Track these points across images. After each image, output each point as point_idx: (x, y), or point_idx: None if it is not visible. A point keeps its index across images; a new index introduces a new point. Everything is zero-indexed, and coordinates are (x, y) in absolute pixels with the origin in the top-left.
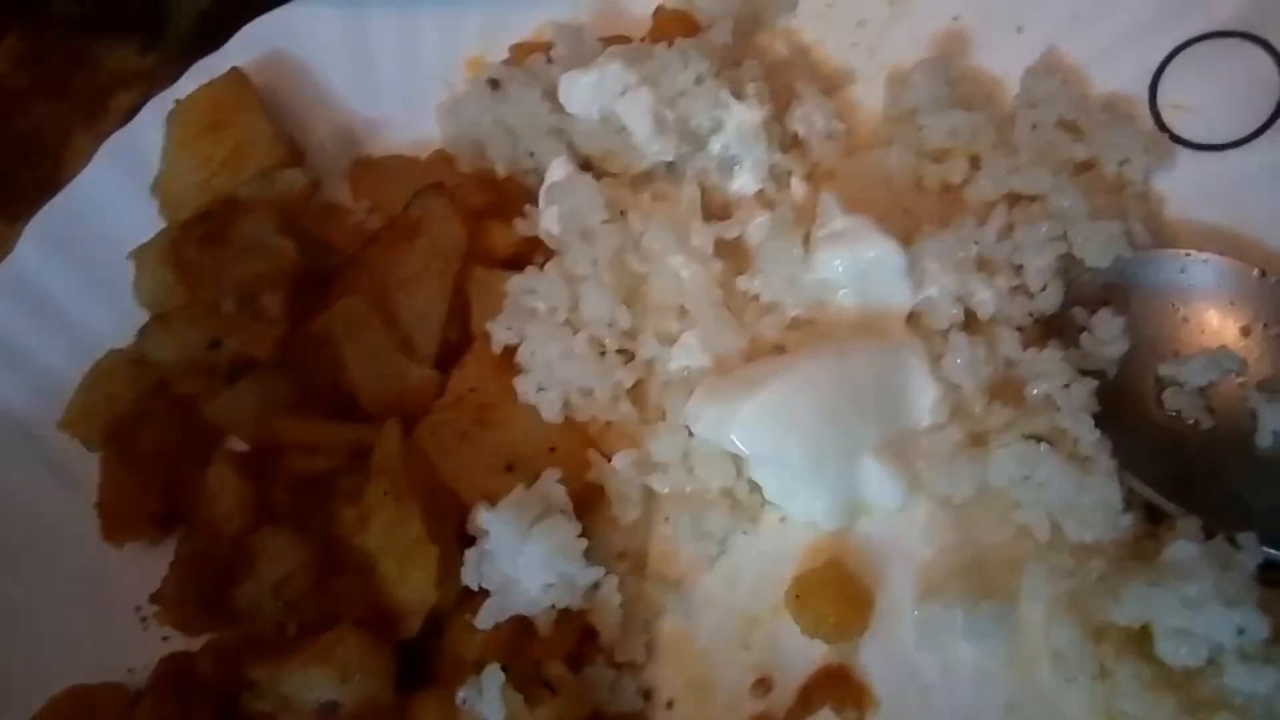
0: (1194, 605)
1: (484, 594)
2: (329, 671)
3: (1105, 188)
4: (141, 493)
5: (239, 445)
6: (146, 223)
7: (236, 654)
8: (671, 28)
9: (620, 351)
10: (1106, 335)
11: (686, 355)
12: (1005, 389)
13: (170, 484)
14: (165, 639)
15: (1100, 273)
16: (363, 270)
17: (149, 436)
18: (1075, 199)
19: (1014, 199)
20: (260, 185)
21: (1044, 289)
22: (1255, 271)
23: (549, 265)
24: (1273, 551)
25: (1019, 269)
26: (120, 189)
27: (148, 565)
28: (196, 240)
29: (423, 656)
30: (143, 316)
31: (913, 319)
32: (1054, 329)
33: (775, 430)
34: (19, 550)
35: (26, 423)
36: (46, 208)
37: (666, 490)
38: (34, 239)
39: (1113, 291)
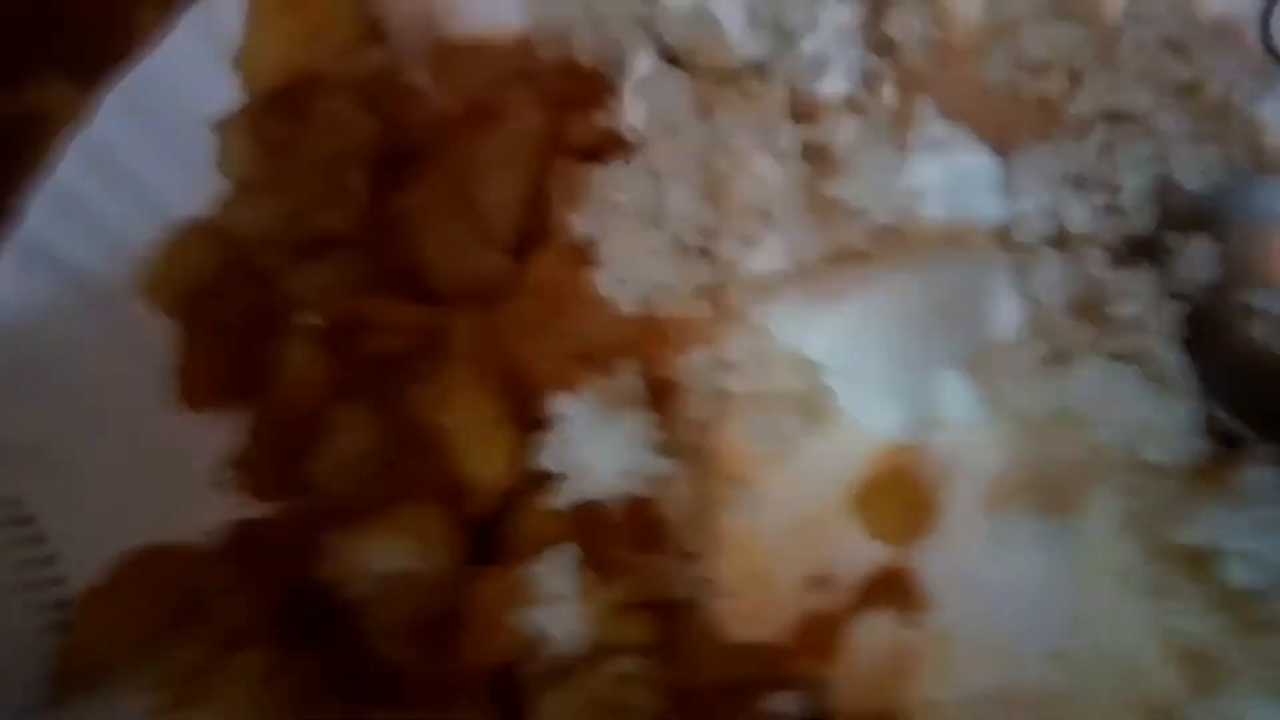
0: (1264, 528)
1: (555, 478)
2: (405, 540)
3: (1208, 111)
4: (219, 361)
5: (314, 320)
6: (226, 95)
7: (311, 521)
8: None
9: (701, 249)
10: (1197, 260)
11: (767, 257)
12: (1091, 309)
13: (247, 354)
14: (238, 505)
15: (1197, 197)
16: (442, 155)
17: (227, 307)
18: (1177, 120)
19: (1113, 117)
20: (341, 63)
21: (1138, 210)
22: None
23: (634, 159)
24: None
25: (1114, 188)
26: (200, 61)
27: (223, 433)
28: (279, 114)
29: (494, 537)
30: (223, 188)
31: (1001, 233)
32: (1145, 251)
33: (856, 341)
34: (98, 411)
35: (105, 288)
36: (127, 77)
37: (740, 389)
38: (114, 107)
39: (1207, 217)
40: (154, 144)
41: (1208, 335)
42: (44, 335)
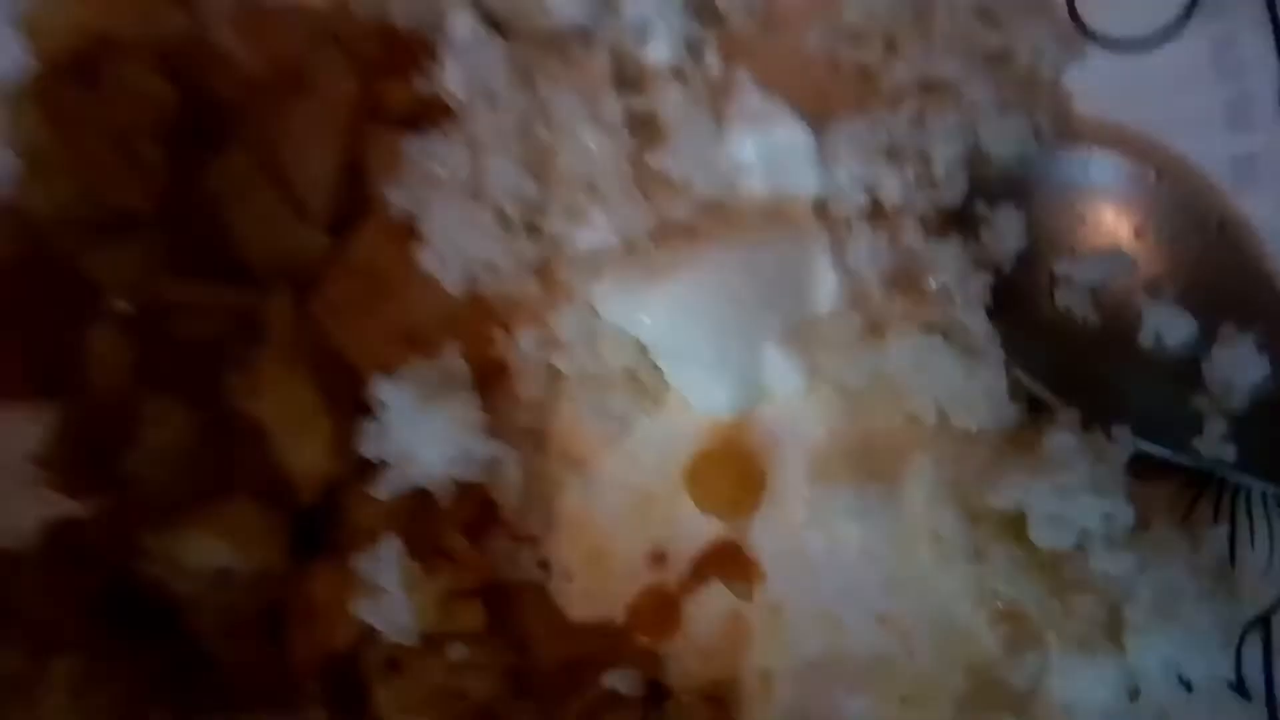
0: (1067, 493)
1: (382, 466)
2: (221, 538)
3: (1017, 80)
4: (19, 351)
5: (120, 307)
6: (14, 61)
7: (127, 520)
8: None
9: (526, 225)
10: (1006, 230)
11: (594, 233)
12: (905, 280)
13: (50, 344)
14: (49, 504)
15: (1005, 167)
16: (250, 124)
17: (25, 293)
18: (986, 89)
19: (927, 88)
20: (139, 25)
21: (949, 180)
22: (1152, 173)
23: (452, 129)
24: (1146, 444)
25: (926, 159)
26: None
27: (26, 428)
28: (71, 82)
29: (318, 528)
30: (14, 164)
31: (819, 206)
32: (956, 222)
33: (681, 320)
34: None
35: None
36: None
37: (570, 369)
38: None
39: (1015, 186)
40: None
41: (1015, 304)
42: None
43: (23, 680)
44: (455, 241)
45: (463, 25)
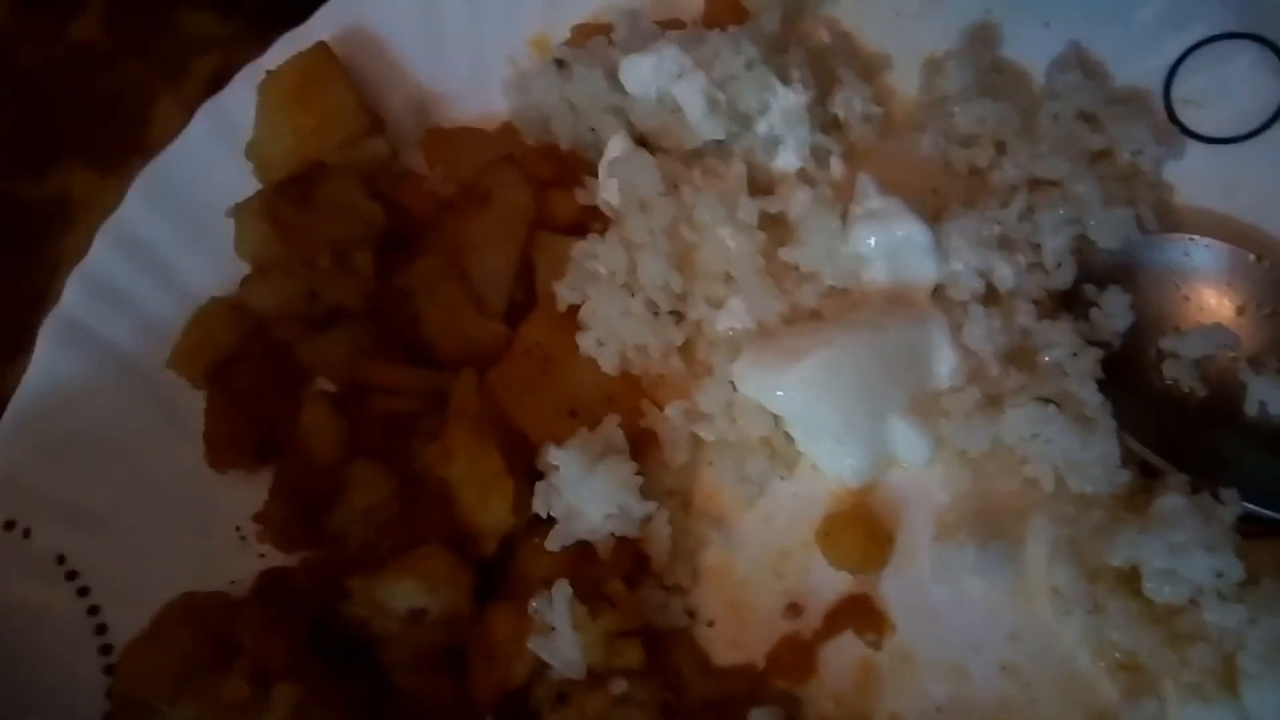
0: (1179, 550)
1: (551, 521)
2: (418, 582)
3: (1119, 175)
4: (242, 426)
5: (328, 386)
6: (240, 183)
7: (331, 568)
8: (722, 13)
9: (672, 312)
10: (1113, 310)
11: (732, 317)
12: (1020, 356)
13: (267, 419)
14: (262, 555)
15: (1111, 253)
16: (439, 233)
17: (248, 376)
18: (1091, 185)
19: (1035, 183)
20: (346, 152)
21: (1059, 266)
22: (1252, 256)
23: (609, 232)
24: (1251, 506)
25: (1037, 248)
26: (216, 151)
27: (245, 491)
28: (290, 201)
29: (495, 575)
30: (239, 267)
31: (938, 291)
32: (1066, 303)
33: (813, 396)
34: (133, 473)
35: (137, 363)
36: (150, 166)
37: (712, 438)
38: (139, 195)
39: (1121, 271)
40: (177, 229)
41: (1125, 377)
42: (85, 406)
43: (247, 705)
44: (611, 328)
45: (618, 144)
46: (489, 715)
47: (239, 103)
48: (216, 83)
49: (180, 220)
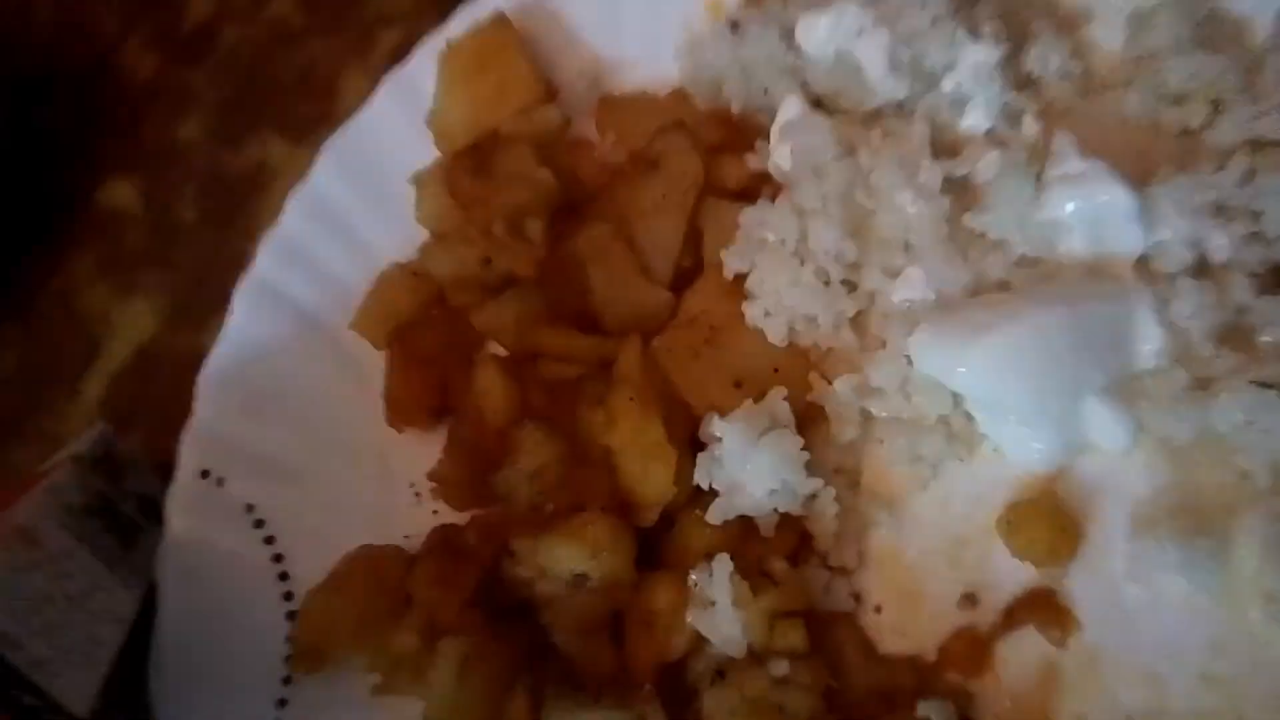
0: None
1: (713, 494)
2: (581, 547)
3: None
4: (420, 387)
5: (499, 351)
6: (422, 151)
7: (499, 528)
8: None
9: (844, 282)
10: None
11: (909, 288)
12: (1235, 335)
13: (444, 381)
14: (435, 512)
15: None
16: (608, 200)
17: (426, 339)
18: None
19: (1256, 145)
20: (520, 121)
21: None
22: None
23: (780, 198)
24: None
25: (1257, 215)
26: (399, 120)
27: (421, 449)
28: (468, 170)
29: (657, 546)
30: (420, 233)
31: (1142, 263)
32: None
33: (999, 375)
34: (318, 430)
35: (323, 324)
36: (338, 135)
37: (884, 414)
38: (328, 162)
39: None
40: (363, 197)
41: None
42: (275, 365)
43: (417, 656)
44: (780, 298)
45: (792, 106)
46: (647, 684)
47: (421, 73)
48: (400, 55)
49: (365, 187)
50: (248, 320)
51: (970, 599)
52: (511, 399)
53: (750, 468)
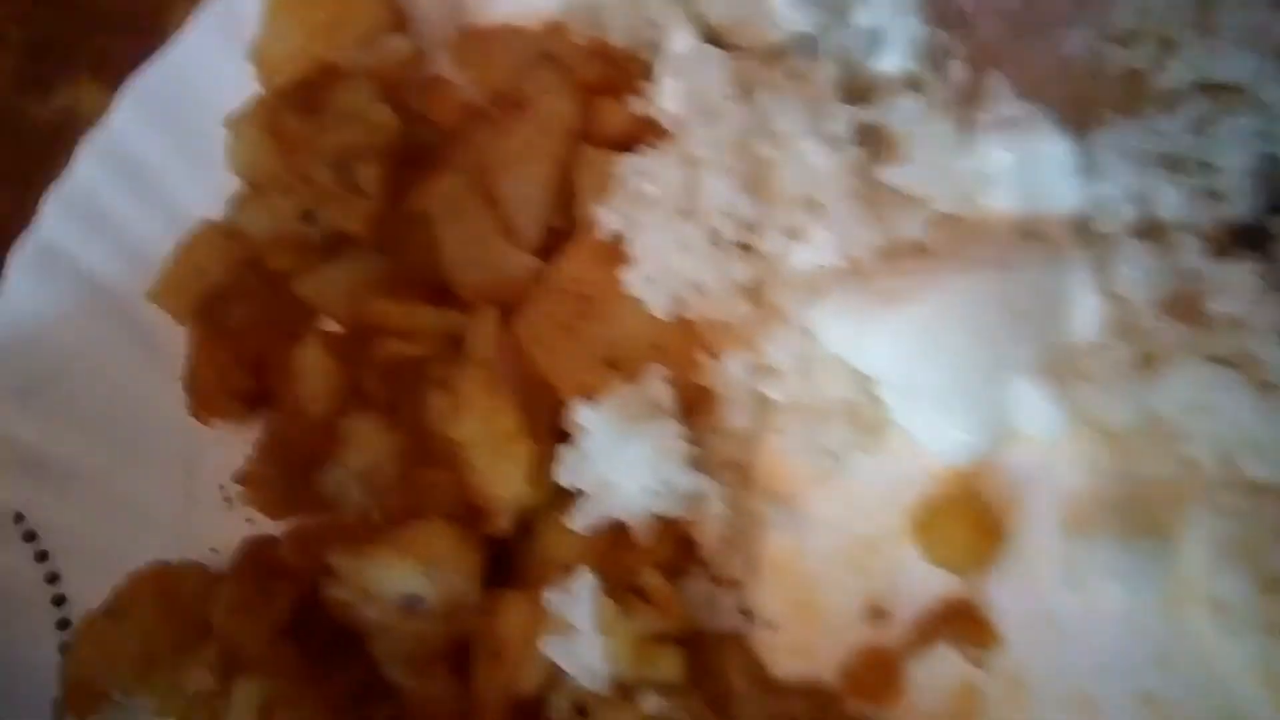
0: None
1: (579, 495)
2: (414, 564)
3: None
4: (230, 369)
5: (332, 326)
6: (244, 90)
7: (320, 540)
8: None
9: (739, 244)
10: None
11: (814, 252)
12: (1184, 305)
13: (260, 362)
14: (248, 521)
15: None
16: (464, 147)
17: (239, 312)
18: None
19: (1210, 88)
20: (361, 52)
21: (1241, 192)
22: None
23: (665, 146)
24: None
25: (1211, 168)
26: (218, 55)
27: (235, 445)
28: (294, 108)
29: (512, 557)
30: (237, 186)
31: (1080, 223)
32: (1248, 239)
33: (916, 353)
34: (106, 422)
35: (116, 293)
36: (142, 73)
37: (781, 399)
38: (130, 105)
39: None
40: (171, 143)
41: None
42: (54, 344)
43: (211, 698)
44: (664, 262)
45: (682, 41)
46: None
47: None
48: None
49: (175, 134)
50: (24, 290)
51: (877, 612)
52: (338, 383)
53: (622, 463)
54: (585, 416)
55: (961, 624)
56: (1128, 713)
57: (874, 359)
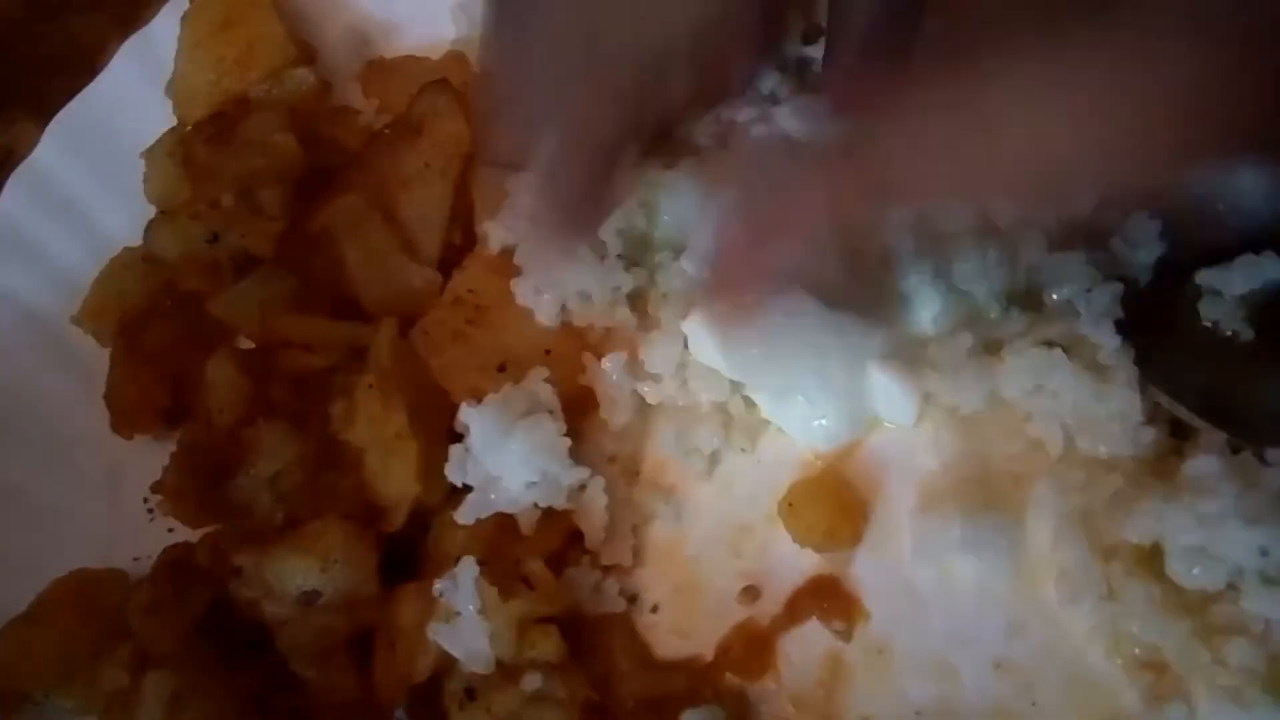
0: (1211, 523)
1: (469, 492)
2: (309, 560)
3: None
4: (149, 386)
5: (247, 344)
6: (163, 123)
7: (231, 543)
8: None
9: (622, 257)
10: (1139, 239)
11: (691, 264)
12: (1023, 295)
13: (178, 378)
14: (171, 530)
15: None
16: (364, 168)
17: (157, 332)
18: None
19: None
20: (270, 85)
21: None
22: None
23: None
24: None
25: None
26: (138, 90)
27: (157, 459)
28: (204, 139)
29: (412, 555)
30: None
31: (920, 217)
32: (1080, 231)
33: (771, 354)
34: (32, 440)
35: (42, 317)
36: (67, 108)
37: (655, 400)
38: (55, 139)
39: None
40: (94, 175)
41: (1153, 318)
42: None
43: (127, 695)
44: (551, 273)
45: None
46: (398, 710)
47: (164, 35)
48: None
49: (98, 165)
50: None
51: (751, 591)
52: (243, 393)
53: (505, 458)
54: (469, 415)
55: (828, 600)
56: (982, 680)
57: (739, 365)
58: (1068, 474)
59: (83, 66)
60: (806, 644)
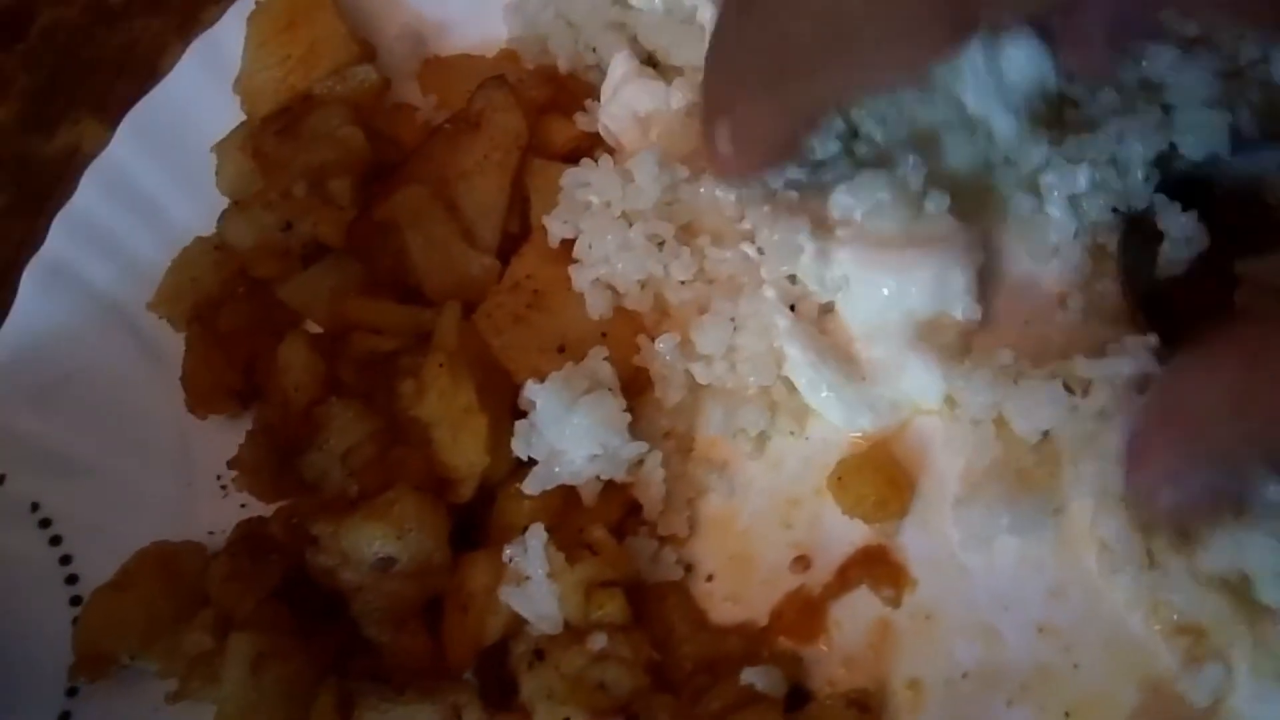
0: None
1: (534, 465)
2: (385, 527)
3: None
4: (223, 368)
5: (314, 328)
6: (230, 119)
7: (306, 515)
8: None
9: (676, 246)
10: (1180, 234)
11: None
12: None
13: (250, 361)
14: (243, 505)
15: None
16: (426, 161)
17: (229, 317)
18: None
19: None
20: (333, 82)
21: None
22: None
23: (603, 158)
24: None
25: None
26: (206, 87)
27: (229, 437)
28: (273, 133)
29: (479, 524)
30: (227, 205)
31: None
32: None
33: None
34: (112, 420)
35: (120, 304)
36: (139, 105)
37: (705, 381)
38: (127, 135)
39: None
40: (166, 169)
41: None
42: (65, 351)
43: (210, 657)
44: (608, 261)
45: (621, 63)
46: (467, 673)
47: (229, 36)
48: None
49: (169, 159)
50: (36, 304)
51: (802, 561)
52: (316, 374)
53: (568, 433)
54: (534, 391)
55: (876, 568)
56: (1026, 641)
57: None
58: (1107, 454)
59: (143, 68)
60: (856, 610)
